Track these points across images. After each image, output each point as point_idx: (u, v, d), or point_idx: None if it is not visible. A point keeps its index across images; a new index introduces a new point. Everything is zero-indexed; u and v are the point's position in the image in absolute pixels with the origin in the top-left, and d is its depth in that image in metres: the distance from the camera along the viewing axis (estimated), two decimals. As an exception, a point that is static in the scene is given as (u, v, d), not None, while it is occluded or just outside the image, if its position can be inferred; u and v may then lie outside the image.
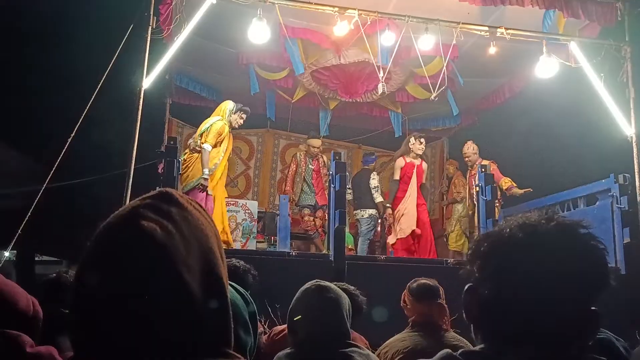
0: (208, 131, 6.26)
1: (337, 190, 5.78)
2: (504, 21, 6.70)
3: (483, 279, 1.01)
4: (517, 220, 1.02)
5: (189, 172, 6.25)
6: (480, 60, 7.26)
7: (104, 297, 0.77)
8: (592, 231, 0.98)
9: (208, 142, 6.19)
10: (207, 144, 6.18)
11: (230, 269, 0.86)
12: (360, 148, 10.42)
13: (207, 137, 6.22)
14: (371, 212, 7.78)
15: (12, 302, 1.53)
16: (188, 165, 6.27)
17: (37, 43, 8.38)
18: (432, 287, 3.03)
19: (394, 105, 9.19)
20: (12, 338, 1.47)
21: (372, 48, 6.68)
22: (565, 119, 7.42)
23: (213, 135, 6.23)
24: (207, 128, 6.28)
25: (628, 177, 6.24)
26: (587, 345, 0.97)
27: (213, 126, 6.29)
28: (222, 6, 6.10)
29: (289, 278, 3.33)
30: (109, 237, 0.82)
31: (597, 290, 0.97)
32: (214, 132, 6.26)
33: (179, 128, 9.47)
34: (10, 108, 8.53)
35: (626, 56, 6.71)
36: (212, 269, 0.83)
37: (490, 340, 1.00)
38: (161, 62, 5.96)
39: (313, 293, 2.12)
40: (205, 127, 6.31)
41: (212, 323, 0.81)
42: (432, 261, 6.68)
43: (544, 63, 6.74)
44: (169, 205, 0.84)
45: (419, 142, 7.38)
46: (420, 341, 2.84)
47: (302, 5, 6.25)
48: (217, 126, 6.30)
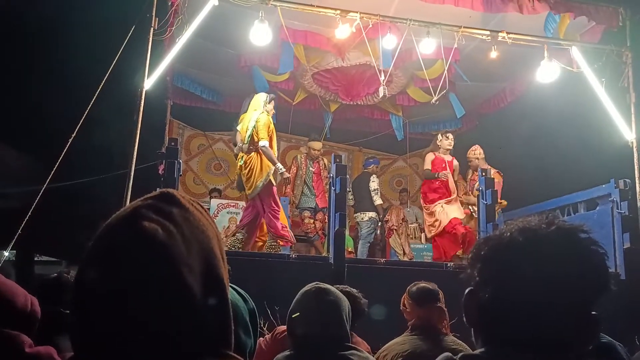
0: (256, 128, 6.02)
1: (337, 193, 5.77)
2: (506, 25, 6.71)
3: (483, 283, 1.01)
4: (518, 224, 1.02)
5: (253, 174, 6.03)
6: (481, 64, 7.28)
7: (105, 297, 0.77)
8: (592, 236, 0.98)
9: (263, 138, 5.99)
10: (263, 140, 5.98)
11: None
12: (361, 151, 10.43)
13: (259, 133, 6.01)
14: (371, 215, 7.78)
15: (9, 300, 1.53)
16: (251, 168, 6.05)
17: (39, 44, 8.39)
18: (432, 291, 3.03)
19: (395, 108, 9.20)
20: (11, 338, 1.47)
21: (373, 51, 6.68)
22: (565, 124, 7.42)
23: (264, 129, 6.03)
24: (254, 125, 6.04)
25: (628, 182, 6.24)
26: (587, 349, 0.97)
27: (260, 121, 6.05)
28: (223, 8, 6.11)
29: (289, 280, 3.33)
30: (110, 237, 0.82)
31: (598, 295, 0.97)
32: (264, 126, 6.04)
33: (180, 129, 9.49)
34: (12, 108, 8.54)
35: (627, 61, 6.73)
36: (213, 270, 0.83)
37: (490, 344, 1.00)
38: (162, 64, 5.96)
39: (313, 295, 2.12)
40: (251, 125, 6.07)
41: (212, 324, 0.81)
42: (431, 264, 6.68)
43: (545, 68, 6.75)
44: (170, 206, 0.84)
45: (445, 137, 7.40)
46: (420, 345, 2.84)
47: (303, 7, 6.25)
48: (264, 119, 6.08)
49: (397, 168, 10.77)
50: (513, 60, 7.25)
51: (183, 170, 7.18)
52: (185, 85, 8.29)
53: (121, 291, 0.76)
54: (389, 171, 10.71)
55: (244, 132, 6.18)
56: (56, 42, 8.10)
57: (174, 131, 9.03)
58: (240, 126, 6.32)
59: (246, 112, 6.46)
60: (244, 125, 6.21)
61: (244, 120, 6.29)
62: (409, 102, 8.78)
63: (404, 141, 9.58)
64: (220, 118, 9.46)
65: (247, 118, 6.23)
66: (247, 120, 6.21)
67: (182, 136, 9.42)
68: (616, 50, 6.75)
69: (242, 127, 6.27)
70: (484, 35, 6.65)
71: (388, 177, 10.65)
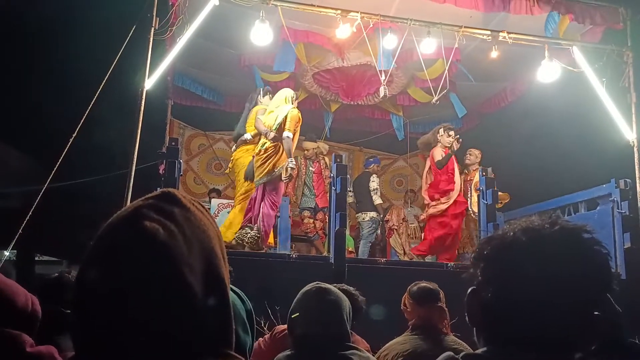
0: (286, 120, 6.03)
1: (338, 193, 5.77)
2: (506, 25, 6.71)
3: (486, 283, 1.01)
4: (521, 224, 1.02)
5: (269, 161, 6.04)
6: (482, 63, 7.27)
7: (106, 297, 0.77)
8: (595, 236, 0.98)
9: (290, 130, 6.00)
10: (289, 132, 5.99)
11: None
12: (362, 151, 10.42)
13: (288, 125, 6.00)
14: (372, 215, 7.78)
15: (10, 300, 1.53)
16: (269, 155, 6.06)
17: (40, 44, 8.39)
18: (432, 291, 3.03)
19: (396, 108, 9.20)
20: (12, 337, 1.47)
21: (374, 51, 6.68)
22: (566, 124, 7.42)
23: (295, 123, 6.05)
24: (285, 116, 6.04)
25: (629, 182, 6.24)
26: (590, 349, 0.97)
27: (291, 115, 6.06)
28: (224, 8, 6.11)
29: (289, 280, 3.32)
30: (111, 237, 0.82)
31: (600, 295, 0.97)
32: (295, 120, 6.07)
33: (181, 129, 9.50)
34: (13, 108, 8.54)
35: (628, 61, 6.72)
36: (214, 269, 0.83)
37: (492, 343, 1.00)
38: (163, 64, 5.96)
39: (313, 295, 2.12)
40: (282, 115, 6.07)
41: (213, 324, 0.81)
42: (432, 264, 6.68)
43: (546, 67, 6.74)
44: (171, 206, 0.84)
45: (447, 134, 7.34)
46: (420, 344, 2.84)
47: (304, 7, 6.25)
48: (296, 114, 6.11)
49: (397, 168, 10.77)
50: (514, 60, 7.25)
51: (183, 170, 7.17)
52: (186, 85, 8.29)
53: (122, 291, 0.76)
54: (389, 171, 10.71)
55: (272, 121, 6.15)
56: (57, 41, 8.10)
57: (174, 131, 9.03)
58: (264, 116, 6.32)
59: (256, 104, 6.54)
60: (272, 115, 6.20)
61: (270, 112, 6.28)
62: (409, 102, 8.78)
63: (405, 141, 9.58)
64: (220, 118, 9.46)
65: (276, 109, 6.22)
66: (276, 111, 6.20)
67: (182, 136, 9.43)
68: (617, 50, 6.75)
69: (266, 117, 6.27)
70: (484, 35, 6.65)
71: (389, 177, 10.65)
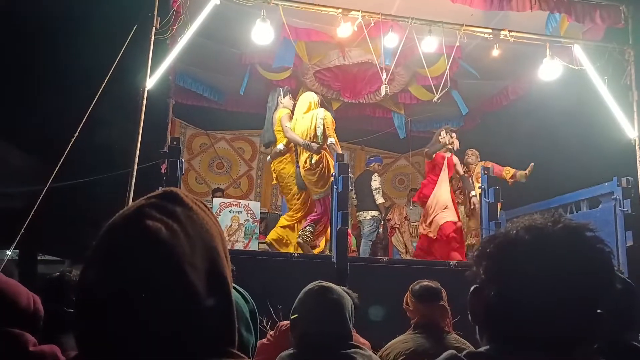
0: (324, 126, 6.06)
1: (339, 192, 5.77)
2: (508, 23, 6.70)
3: (489, 281, 1.01)
4: (523, 222, 1.02)
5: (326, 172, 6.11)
6: (483, 62, 7.26)
7: (109, 296, 0.77)
8: (598, 234, 0.98)
9: (331, 135, 6.08)
10: (332, 138, 6.07)
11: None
12: (363, 149, 10.42)
13: (329, 131, 6.06)
14: (373, 214, 7.77)
15: (13, 299, 1.53)
16: (324, 166, 6.12)
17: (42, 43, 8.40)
18: (434, 289, 3.03)
19: (397, 106, 9.19)
20: (15, 337, 1.47)
21: (375, 49, 6.68)
22: (568, 122, 7.40)
23: (332, 127, 6.12)
24: (322, 123, 6.07)
25: (631, 180, 6.22)
26: (593, 347, 0.97)
27: (328, 119, 6.12)
28: (225, 7, 6.11)
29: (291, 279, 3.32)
30: (114, 236, 0.82)
31: (603, 293, 0.97)
32: (332, 125, 6.12)
33: (182, 128, 9.51)
34: (14, 107, 8.55)
35: (629, 59, 6.71)
36: (217, 268, 0.83)
37: (495, 341, 1.00)
38: (165, 63, 5.96)
39: (316, 294, 2.12)
40: (320, 123, 6.07)
41: (216, 322, 0.81)
42: (434, 263, 6.67)
43: (548, 65, 6.74)
44: (173, 205, 0.84)
45: (449, 136, 7.32)
46: (422, 343, 2.84)
47: (305, 6, 6.25)
48: (330, 118, 6.17)
49: (399, 167, 10.76)
50: (515, 58, 7.24)
51: (185, 170, 7.18)
52: (188, 84, 8.29)
53: (125, 290, 0.76)
54: (391, 170, 10.71)
55: (308, 131, 6.13)
56: (58, 41, 8.11)
57: (176, 130, 9.04)
58: (292, 124, 6.30)
59: (277, 106, 6.52)
60: (305, 123, 6.18)
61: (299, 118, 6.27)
62: (411, 100, 8.78)
63: (406, 139, 9.57)
64: (222, 117, 9.47)
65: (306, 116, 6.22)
66: (307, 117, 6.19)
67: (184, 135, 9.44)
68: (618, 48, 6.74)
69: (297, 125, 6.24)
70: (486, 34, 6.64)
71: (390, 175, 10.65)
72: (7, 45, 8.00)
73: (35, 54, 8.47)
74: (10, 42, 8.05)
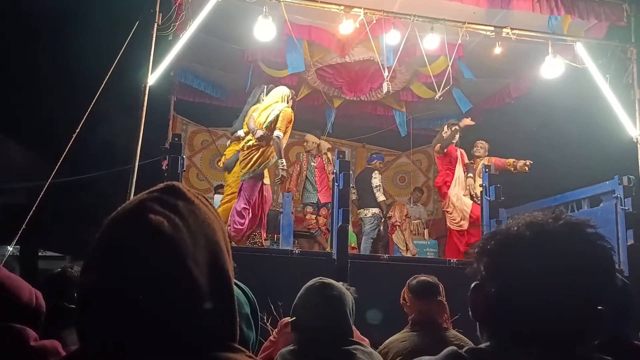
0: (278, 119, 5.99)
1: (340, 189, 5.77)
2: (510, 20, 6.68)
3: (490, 277, 1.01)
4: (524, 218, 1.02)
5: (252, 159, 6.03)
6: (485, 59, 7.25)
7: (111, 290, 0.77)
8: (599, 231, 0.98)
9: (281, 130, 5.97)
10: (279, 132, 5.96)
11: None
12: (364, 147, 10.41)
13: (279, 124, 5.98)
14: (374, 211, 7.78)
15: (14, 294, 1.53)
16: (251, 152, 6.05)
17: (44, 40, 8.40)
18: (431, 284, 3.01)
19: (399, 104, 9.18)
20: (16, 332, 1.48)
21: (377, 47, 6.67)
22: (570, 120, 7.39)
23: (286, 123, 6.02)
24: (277, 115, 6.00)
25: (632, 178, 6.21)
26: (594, 344, 0.97)
27: (284, 114, 6.02)
28: (227, 3, 6.10)
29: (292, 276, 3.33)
30: (116, 230, 0.82)
31: (604, 290, 0.97)
32: (287, 120, 6.04)
33: (184, 125, 9.50)
34: (16, 104, 8.55)
35: (632, 57, 6.70)
36: (219, 262, 0.83)
37: (496, 338, 1.00)
38: (166, 59, 5.96)
39: (316, 290, 2.12)
40: (274, 114, 6.03)
41: (218, 316, 0.81)
42: (434, 260, 6.68)
43: (550, 63, 6.72)
44: (175, 199, 0.84)
45: (451, 129, 7.34)
46: (420, 341, 2.82)
47: (307, 3, 6.24)
48: (288, 113, 6.07)
49: (400, 164, 10.75)
50: (517, 56, 7.22)
51: (186, 166, 7.17)
52: (189, 80, 8.28)
53: (127, 284, 0.77)
54: (392, 167, 10.69)
55: (263, 119, 6.11)
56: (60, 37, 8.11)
57: (177, 127, 9.03)
58: (257, 113, 6.26)
59: (258, 101, 6.48)
60: (264, 113, 6.15)
61: (263, 109, 6.23)
62: (412, 97, 8.76)
63: (408, 137, 9.56)
64: (223, 114, 9.44)
65: (268, 107, 6.18)
66: (269, 109, 6.16)
67: (185, 132, 9.44)
68: (621, 47, 6.73)
69: (259, 115, 6.20)
70: (488, 31, 6.63)
71: (391, 173, 10.64)
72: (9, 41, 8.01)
73: (37, 51, 8.47)
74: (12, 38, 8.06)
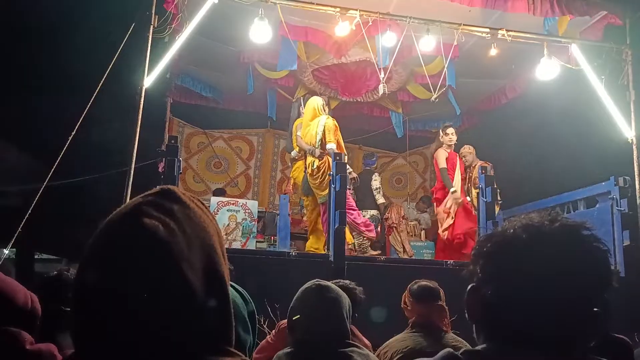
0: (324, 131, 6.19)
1: (337, 191, 5.77)
2: (506, 21, 6.69)
3: (486, 280, 1.01)
4: (520, 220, 1.02)
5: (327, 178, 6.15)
6: (481, 60, 7.25)
7: (106, 294, 0.77)
8: (594, 233, 0.98)
9: (332, 140, 6.17)
10: (331, 144, 6.17)
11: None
12: (361, 149, 10.40)
13: (328, 137, 6.17)
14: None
15: (10, 298, 1.53)
16: (324, 172, 6.19)
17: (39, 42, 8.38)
18: (432, 289, 3.03)
19: (395, 105, 9.19)
20: (12, 335, 1.47)
21: (373, 48, 6.67)
22: (565, 121, 7.41)
23: (333, 132, 6.21)
24: (322, 130, 6.21)
25: (628, 179, 6.24)
26: (590, 346, 0.97)
27: (328, 125, 6.23)
28: (223, 5, 6.09)
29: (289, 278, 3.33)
30: (111, 234, 0.81)
31: (600, 292, 0.97)
32: (333, 130, 6.22)
33: (180, 127, 9.49)
34: (12, 106, 8.52)
35: (627, 59, 6.72)
36: (214, 266, 0.83)
37: (492, 340, 1.00)
38: (162, 61, 5.95)
39: (313, 292, 2.12)
40: (320, 130, 6.22)
41: (213, 321, 0.81)
42: (431, 262, 6.68)
43: (545, 65, 6.74)
44: (171, 203, 0.84)
45: (445, 133, 7.31)
46: (420, 341, 2.84)
47: (303, 5, 6.24)
48: (332, 123, 6.28)
49: (397, 166, 10.75)
50: (513, 58, 7.23)
51: (183, 168, 7.17)
52: (185, 82, 8.27)
53: (122, 288, 0.76)
54: (388, 169, 10.70)
55: (312, 137, 6.31)
56: (56, 40, 8.09)
57: (173, 129, 9.02)
58: (302, 132, 6.50)
59: (299, 116, 6.70)
60: (310, 130, 6.36)
61: (306, 125, 6.45)
62: (409, 98, 8.78)
63: (404, 138, 9.57)
64: (220, 116, 9.46)
65: (312, 123, 6.39)
66: (312, 125, 6.37)
67: (182, 134, 9.42)
68: (616, 48, 6.74)
69: (305, 132, 6.43)
70: (483, 33, 6.64)
71: (388, 174, 10.64)
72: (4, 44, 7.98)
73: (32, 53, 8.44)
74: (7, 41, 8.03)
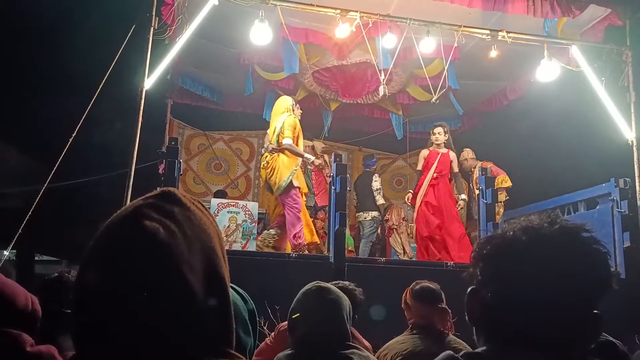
0: (282, 128, 6.19)
1: (337, 192, 5.77)
2: (506, 22, 6.69)
3: (486, 282, 1.01)
4: (520, 223, 1.02)
5: (275, 173, 6.17)
6: (481, 62, 7.26)
7: (106, 296, 0.77)
8: (594, 235, 0.98)
9: (287, 136, 6.15)
10: (287, 139, 6.14)
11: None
12: (361, 150, 10.41)
13: (284, 133, 6.18)
14: (374, 215, 7.79)
15: (10, 300, 1.53)
16: (273, 168, 6.20)
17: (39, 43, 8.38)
18: (434, 291, 3.02)
19: (395, 107, 9.19)
20: (12, 337, 1.47)
21: (373, 50, 6.67)
22: (566, 123, 7.41)
23: (289, 129, 6.19)
24: (281, 126, 6.21)
25: (628, 181, 6.24)
26: (589, 348, 0.97)
27: (286, 122, 6.22)
28: (223, 7, 6.10)
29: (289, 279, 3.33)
30: (111, 236, 0.81)
31: (600, 294, 0.97)
32: (290, 127, 6.21)
33: (180, 129, 9.49)
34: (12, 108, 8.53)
35: (627, 60, 6.71)
36: (214, 269, 0.83)
37: (492, 342, 1.00)
38: (163, 63, 5.95)
39: (313, 294, 2.12)
40: (279, 126, 6.23)
41: (213, 323, 0.81)
42: (431, 264, 6.68)
43: (545, 66, 6.74)
44: (171, 205, 0.84)
45: (432, 132, 7.30)
46: (420, 343, 2.84)
47: (303, 7, 6.25)
48: (291, 120, 6.26)
49: (397, 167, 10.76)
50: (513, 59, 7.23)
51: (183, 170, 7.16)
52: (186, 84, 8.28)
53: (122, 290, 0.76)
54: (389, 170, 10.70)
55: (271, 134, 6.36)
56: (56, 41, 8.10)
57: (174, 130, 9.02)
58: (269, 130, 6.50)
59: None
60: (271, 128, 6.39)
61: (272, 123, 6.46)
62: (409, 100, 8.77)
63: (404, 140, 9.57)
64: (220, 117, 9.47)
65: (274, 121, 6.40)
66: (274, 123, 6.38)
67: (182, 136, 9.43)
68: (616, 49, 6.74)
69: (270, 130, 6.45)
70: (484, 35, 6.64)
71: (388, 176, 10.64)
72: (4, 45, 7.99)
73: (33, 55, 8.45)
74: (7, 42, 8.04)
